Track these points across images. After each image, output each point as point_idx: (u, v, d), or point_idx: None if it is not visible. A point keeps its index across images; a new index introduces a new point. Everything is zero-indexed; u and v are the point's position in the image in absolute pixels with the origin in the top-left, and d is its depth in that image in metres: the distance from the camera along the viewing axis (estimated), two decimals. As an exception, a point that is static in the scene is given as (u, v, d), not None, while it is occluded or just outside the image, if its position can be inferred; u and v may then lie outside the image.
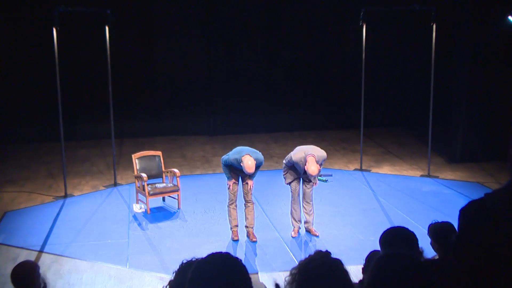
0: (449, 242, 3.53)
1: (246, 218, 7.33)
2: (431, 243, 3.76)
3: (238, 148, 7.12)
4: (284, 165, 7.32)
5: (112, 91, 9.88)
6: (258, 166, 7.03)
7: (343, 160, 11.79)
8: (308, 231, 7.51)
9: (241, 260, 1.98)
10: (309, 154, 6.92)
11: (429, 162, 10.63)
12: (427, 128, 10.53)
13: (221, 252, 2.02)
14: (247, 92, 14.05)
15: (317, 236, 7.39)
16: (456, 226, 3.61)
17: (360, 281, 3.08)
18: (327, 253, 2.10)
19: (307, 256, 2.16)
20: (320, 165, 7.04)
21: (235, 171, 7.14)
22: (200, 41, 14.19)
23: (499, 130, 11.15)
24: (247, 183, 7.17)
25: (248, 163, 6.79)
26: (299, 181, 7.26)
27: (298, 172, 7.15)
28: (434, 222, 3.86)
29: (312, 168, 6.84)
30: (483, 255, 2.49)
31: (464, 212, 2.70)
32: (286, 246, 7.17)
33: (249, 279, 1.96)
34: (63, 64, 9.74)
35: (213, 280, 1.89)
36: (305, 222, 7.51)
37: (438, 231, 3.70)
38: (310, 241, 7.35)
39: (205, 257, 1.99)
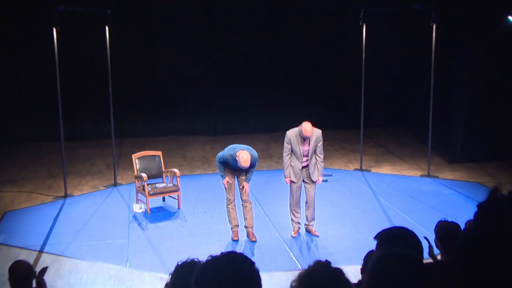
0: (453, 243, 3.52)
1: (245, 219, 7.32)
2: (434, 240, 3.74)
3: (232, 145, 7.16)
4: (283, 158, 7.28)
5: (112, 91, 9.88)
6: (253, 164, 7.02)
7: (343, 160, 11.80)
8: (308, 231, 7.51)
9: (254, 263, 1.95)
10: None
11: (429, 162, 10.63)
12: (427, 128, 10.52)
13: (235, 252, 2.00)
14: (247, 92, 14.05)
15: (317, 236, 7.39)
16: (462, 227, 3.61)
17: (360, 281, 3.07)
18: (327, 262, 2.08)
19: (306, 266, 2.13)
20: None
21: (230, 170, 7.13)
22: (200, 41, 14.18)
23: (499, 130, 11.16)
24: (242, 187, 7.17)
25: (244, 157, 6.80)
26: (300, 182, 7.25)
27: (298, 157, 7.11)
28: (443, 220, 3.84)
29: (307, 127, 6.89)
30: (495, 253, 2.47)
31: (482, 208, 2.70)
32: (286, 246, 7.17)
33: (260, 283, 1.94)
34: (63, 64, 9.74)
35: (221, 279, 1.87)
36: (305, 224, 7.51)
37: (444, 230, 3.68)
38: (311, 241, 7.35)
39: (217, 256, 1.97)
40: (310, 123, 7.04)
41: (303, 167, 7.14)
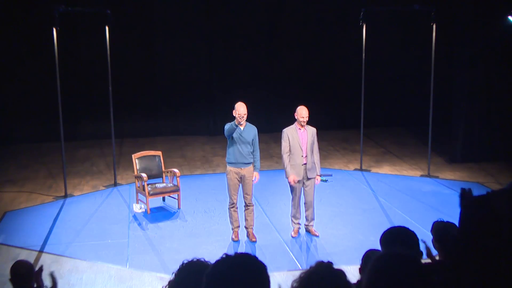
0: (449, 241, 3.53)
1: (246, 220, 7.33)
2: (432, 241, 3.75)
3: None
4: (282, 159, 7.27)
5: (112, 91, 9.88)
6: (255, 133, 7.16)
7: (343, 160, 11.79)
8: (308, 231, 7.51)
9: (266, 267, 1.98)
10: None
11: (429, 162, 10.63)
12: (427, 128, 10.53)
13: (248, 254, 2.03)
14: (247, 92, 14.04)
15: (317, 236, 7.39)
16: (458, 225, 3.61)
17: (359, 281, 3.07)
18: (329, 264, 2.08)
19: (308, 266, 2.14)
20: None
21: (237, 153, 7.09)
22: (200, 41, 14.19)
23: (499, 130, 11.16)
24: (248, 184, 7.15)
25: (238, 104, 7.02)
26: (301, 182, 7.24)
27: (298, 155, 7.12)
28: (439, 220, 3.86)
29: (303, 111, 7.08)
30: (483, 251, 2.50)
31: (466, 207, 2.72)
32: (286, 246, 7.17)
33: (269, 285, 1.97)
34: (63, 64, 9.74)
35: (233, 278, 1.89)
36: (305, 224, 7.51)
37: (440, 230, 3.70)
38: (311, 241, 7.35)
39: (230, 255, 1.99)
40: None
41: (302, 164, 7.14)
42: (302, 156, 7.13)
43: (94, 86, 13.20)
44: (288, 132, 7.19)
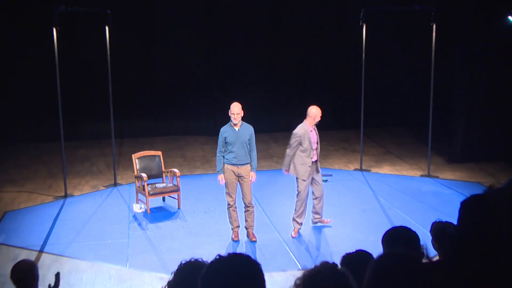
0: (447, 240, 3.53)
1: (246, 220, 7.33)
2: (432, 241, 3.76)
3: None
4: (287, 156, 7.30)
5: (112, 91, 9.88)
6: (251, 132, 7.20)
7: (343, 160, 11.79)
8: (320, 222, 7.67)
9: (260, 265, 1.98)
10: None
11: (429, 162, 10.63)
12: (427, 128, 10.53)
13: (242, 253, 2.03)
14: (247, 92, 14.05)
15: (330, 223, 7.66)
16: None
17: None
18: (334, 265, 2.09)
19: (312, 266, 2.14)
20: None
21: (233, 154, 7.08)
22: (200, 41, 14.19)
23: (499, 130, 11.15)
24: (246, 183, 7.14)
25: (233, 104, 7.15)
26: (310, 179, 7.33)
27: (309, 149, 7.17)
28: (437, 220, 3.86)
29: (319, 111, 7.17)
30: (481, 250, 2.50)
31: (465, 205, 2.72)
32: (286, 246, 7.17)
33: (264, 285, 1.96)
34: (63, 64, 9.73)
35: (227, 279, 1.89)
36: (317, 218, 7.62)
37: (439, 230, 3.71)
38: (311, 241, 7.35)
39: (224, 256, 1.99)
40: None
41: (313, 162, 7.24)
42: (312, 156, 7.25)
43: (94, 86, 13.19)
44: (300, 133, 7.26)
